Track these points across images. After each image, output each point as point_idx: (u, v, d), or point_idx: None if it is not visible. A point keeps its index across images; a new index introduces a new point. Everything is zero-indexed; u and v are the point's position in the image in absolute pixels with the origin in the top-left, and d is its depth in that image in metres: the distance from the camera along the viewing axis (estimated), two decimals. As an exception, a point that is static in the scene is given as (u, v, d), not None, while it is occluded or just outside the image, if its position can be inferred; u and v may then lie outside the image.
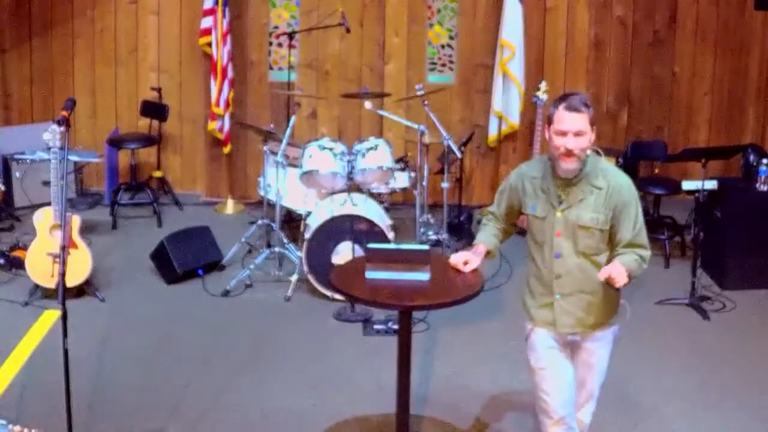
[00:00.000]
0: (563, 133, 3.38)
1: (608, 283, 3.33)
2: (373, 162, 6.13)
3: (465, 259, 3.73)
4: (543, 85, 7.02)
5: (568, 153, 3.39)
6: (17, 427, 3.81)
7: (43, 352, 4.97)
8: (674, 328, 5.52)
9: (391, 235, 5.87)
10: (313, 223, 5.85)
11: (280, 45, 7.76)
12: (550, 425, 3.62)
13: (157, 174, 7.80)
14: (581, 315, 3.51)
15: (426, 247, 3.86)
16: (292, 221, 6.99)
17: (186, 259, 6.09)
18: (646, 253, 3.44)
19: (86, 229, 6.45)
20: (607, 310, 3.54)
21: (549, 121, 3.44)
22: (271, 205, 6.34)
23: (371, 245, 3.90)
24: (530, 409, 4.55)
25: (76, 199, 7.60)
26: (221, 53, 7.28)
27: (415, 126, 6.36)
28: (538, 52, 7.67)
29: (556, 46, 7.73)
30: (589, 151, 3.50)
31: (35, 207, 6.05)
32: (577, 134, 3.38)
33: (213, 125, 7.47)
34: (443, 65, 7.82)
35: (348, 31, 7.12)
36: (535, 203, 3.54)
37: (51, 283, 5.48)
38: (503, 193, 3.81)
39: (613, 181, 3.49)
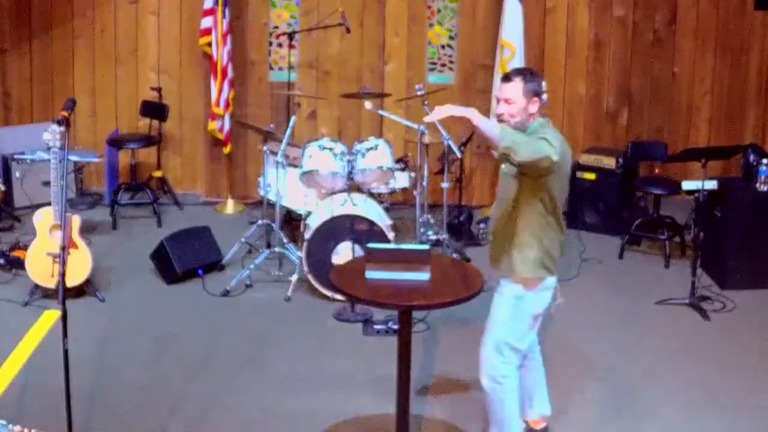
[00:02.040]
0: (498, 100, 3.82)
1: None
2: (373, 162, 6.14)
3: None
4: (543, 85, 7.00)
5: (499, 117, 3.78)
6: (17, 427, 3.81)
7: (43, 352, 4.97)
8: (674, 328, 5.52)
9: (391, 235, 5.87)
10: (313, 223, 5.85)
11: (280, 45, 7.76)
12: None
13: (157, 174, 7.81)
14: (500, 256, 3.87)
15: (426, 247, 3.86)
16: (292, 221, 6.99)
17: (186, 259, 6.09)
18: (522, 137, 3.59)
19: (86, 229, 6.45)
20: (516, 261, 3.81)
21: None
22: (271, 205, 6.34)
23: (371, 245, 3.90)
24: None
25: (76, 199, 7.60)
26: (221, 53, 7.29)
27: (415, 126, 6.36)
28: (538, 52, 7.67)
29: (556, 46, 7.73)
30: (539, 119, 3.81)
31: (35, 207, 6.05)
32: (507, 101, 3.76)
33: (213, 125, 7.47)
34: (443, 65, 7.82)
35: (348, 31, 7.12)
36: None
37: (51, 283, 5.48)
38: None
39: (540, 135, 3.70)
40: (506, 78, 3.78)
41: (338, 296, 5.60)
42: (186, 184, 8.01)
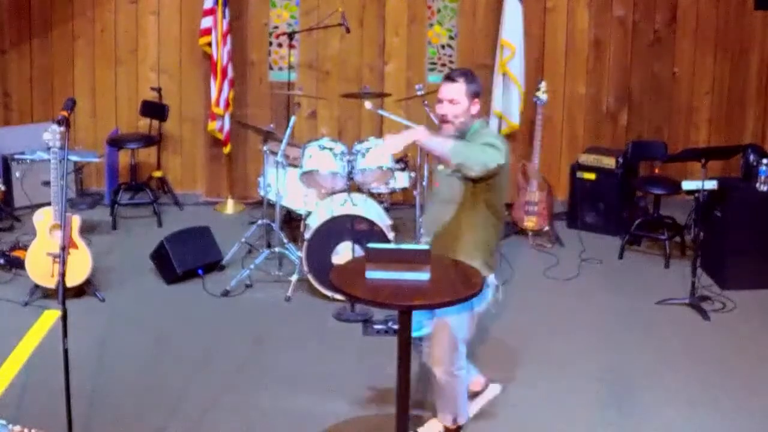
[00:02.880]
0: (440, 101, 3.85)
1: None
2: (373, 162, 6.14)
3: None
4: (543, 85, 7.03)
5: (443, 118, 3.84)
6: (17, 427, 3.82)
7: (43, 352, 4.97)
8: (674, 328, 5.52)
9: (391, 235, 5.87)
10: (313, 223, 5.84)
11: (280, 45, 7.76)
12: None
13: (157, 174, 7.81)
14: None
15: (426, 247, 3.86)
16: (292, 221, 6.99)
17: (186, 259, 6.09)
18: (469, 150, 3.71)
19: (86, 229, 6.45)
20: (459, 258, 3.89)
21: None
22: (271, 205, 6.34)
23: (371, 245, 3.90)
24: (530, 408, 4.57)
25: (76, 199, 7.60)
26: (221, 53, 7.28)
27: (415, 126, 6.34)
28: (538, 52, 7.67)
29: (556, 46, 7.73)
30: (479, 120, 3.93)
31: (35, 207, 6.05)
32: (451, 102, 3.82)
33: (213, 125, 7.47)
34: (443, 65, 7.82)
35: (348, 31, 7.12)
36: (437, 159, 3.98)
37: (51, 283, 5.48)
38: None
39: (482, 137, 3.83)
40: (450, 79, 3.84)
41: (338, 296, 5.60)
42: (186, 184, 8.01)
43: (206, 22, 7.34)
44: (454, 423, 4.19)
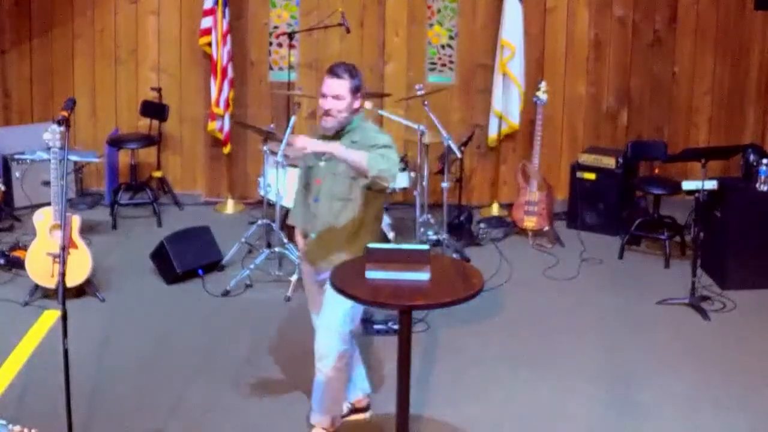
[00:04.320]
0: (324, 95, 3.87)
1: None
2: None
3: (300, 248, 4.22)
4: (543, 85, 7.02)
5: (327, 113, 3.89)
6: (17, 427, 3.81)
7: (43, 352, 4.97)
8: (674, 328, 5.52)
9: (391, 235, 5.87)
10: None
11: (280, 45, 7.76)
12: None
13: (157, 174, 7.81)
14: (327, 255, 4.00)
15: (426, 247, 3.86)
16: (292, 221, 6.98)
17: (186, 259, 6.09)
18: (384, 160, 3.77)
19: (86, 229, 6.44)
20: (350, 256, 3.95)
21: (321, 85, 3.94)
22: (271, 205, 6.34)
23: (371, 245, 3.90)
24: (530, 408, 4.57)
25: (76, 199, 7.60)
26: (221, 53, 7.28)
27: (415, 126, 6.36)
28: (538, 52, 7.67)
29: (556, 46, 7.73)
30: (359, 115, 3.97)
31: (35, 207, 6.05)
32: (335, 97, 3.86)
33: (213, 125, 7.47)
34: (443, 65, 7.82)
35: (348, 31, 7.11)
36: (309, 156, 4.00)
37: (51, 283, 5.48)
38: (301, 162, 4.23)
39: (368, 135, 3.92)
40: (334, 74, 3.87)
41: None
42: (186, 184, 8.01)
43: (206, 22, 7.34)
44: (333, 425, 4.18)
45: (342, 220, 3.99)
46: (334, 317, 3.98)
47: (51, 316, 5.39)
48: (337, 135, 3.92)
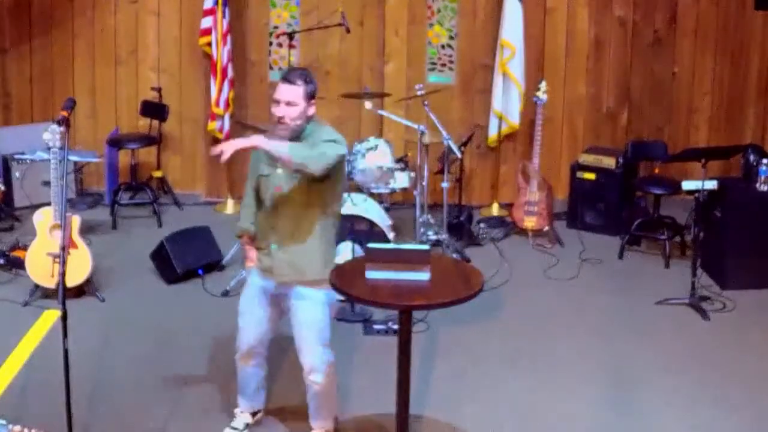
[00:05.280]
0: (277, 102, 3.77)
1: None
2: (373, 162, 6.14)
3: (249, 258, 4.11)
4: (543, 85, 7.02)
5: (280, 120, 3.78)
6: (17, 427, 3.82)
7: (43, 352, 4.97)
8: (674, 328, 5.52)
9: (391, 235, 5.87)
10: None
11: (280, 45, 7.76)
12: None
13: (157, 174, 7.81)
14: (296, 265, 3.90)
15: (426, 247, 3.86)
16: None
17: (186, 259, 6.09)
18: (309, 151, 3.70)
19: (86, 229, 6.44)
20: (314, 266, 3.91)
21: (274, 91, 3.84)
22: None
23: (371, 245, 3.90)
24: (530, 408, 4.57)
25: (76, 199, 7.60)
26: (221, 53, 7.28)
27: (415, 126, 6.36)
28: (538, 52, 7.67)
29: (556, 46, 7.73)
30: (313, 121, 3.88)
31: (35, 207, 6.05)
32: (288, 104, 3.76)
33: (213, 125, 7.47)
34: (443, 65, 7.82)
35: (348, 31, 7.11)
36: (264, 165, 3.92)
37: (51, 283, 5.48)
38: (250, 168, 4.09)
39: (320, 136, 3.82)
40: (288, 81, 3.77)
41: (338, 296, 5.59)
42: (186, 184, 8.01)
43: (206, 22, 7.33)
44: (336, 423, 4.23)
45: (305, 228, 3.89)
46: (315, 332, 3.97)
47: (51, 316, 5.39)
48: (291, 141, 3.78)
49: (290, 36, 7.28)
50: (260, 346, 4.14)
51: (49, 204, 5.60)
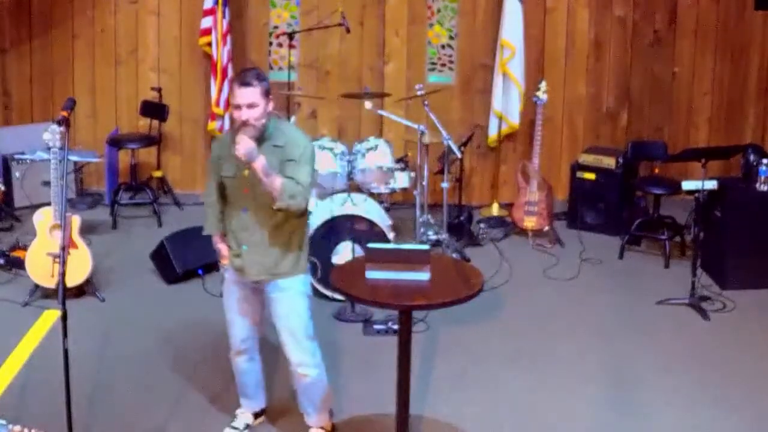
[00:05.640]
0: (238, 107, 3.75)
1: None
2: (373, 162, 6.13)
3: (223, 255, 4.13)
4: (543, 85, 7.02)
5: (245, 123, 3.75)
6: (17, 427, 3.81)
7: (43, 352, 4.97)
8: (674, 328, 5.52)
9: (391, 235, 5.87)
10: (313, 223, 5.84)
11: (280, 45, 7.76)
12: None
13: (157, 174, 7.81)
14: (269, 264, 3.93)
15: (426, 247, 3.86)
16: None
17: (186, 259, 6.09)
18: (299, 188, 3.77)
19: (86, 229, 6.44)
20: (293, 262, 3.99)
21: (231, 96, 3.87)
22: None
23: (371, 245, 3.90)
24: (530, 408, 4.57)
25: (76, 199, 7.60)
26: (221, 53, 7.29)
27: (415, 126, 6.36)
28: (538, 52, 7.67)
29: (556, 46, 7.73)
30: (273, 117, 3.89)
31: (35, 207, 6.05)
32: (250, 106, 3.74)
33: (213, 125, 7.48)
34: (443, 65, 7.82)
35: (348, 31, 7.11)
36: (228, 166, 3.91)
37: (51, 283, 5.48)
38: (210, 169, 4.12)
39: (290, 137, 3.87)
40: (244, 83, 3.74)
41: (338, 296, 5.60)
42: (186, 184, 8.01)
43: (206, 22, 7.34)
44: (330, 418, 4.27)
45: (275, 227, 3.90)
46: (298, 324, 3.98)
47: (51, 316, 5.39)
48: (259, 143, 3.76)
49: (290, 36, 7.28)
50: (250, 339, 4.16)
51: (49, 204, 5.60)
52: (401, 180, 6.48)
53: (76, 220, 5.58)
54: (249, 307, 4.09)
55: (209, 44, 7.34)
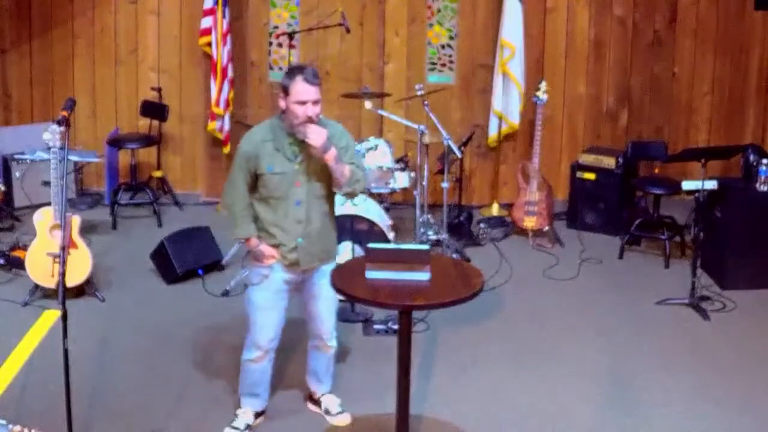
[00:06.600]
0: (303, 103, 3.88)
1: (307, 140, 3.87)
2: (373, 162, 6.13)
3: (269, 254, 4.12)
4: (543, 85, 7.02)
5: (310, 119, 3.89)
6: (17, 427, 3.81)
7: (43, 352, 4.97)
8: (674, 328, 5.52)
9: (391, 235, 5.87)
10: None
11: (280, 45, 7.76)
12: None
13: (157, 174, 7.81)
14: (319, 252, 4.12)
15: (426, 247, 3.86)
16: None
17: (186, 259, 6.09)
18: (361, 173, 4.09)
19: (86, 229, 6.45)
20: (335, 248, 4.28)
21: (285, 91, 3.92)
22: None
23: (371, 245, 3.90)
24: (530, 408, 4.57)
25: (76, 199, 7.60)
26: (221, 53, 7.29)
27: (415, 126, 6.36)
28: (538, 52, 7.67)
29: (556, 46, 7.73)
30: None
31: (35, 207, 6.05)
32: (315, 103, 3.90)
33: (213, 125, 7.48)
34: (443, 65, 7.82)
35: (348, 31, 7.11)
36: (277, 162, 3.98)
37: (51, 283, 5.48)
38: (240, 169, 4.06)
39: (332, 128, 4.04)
40: (309, 81, 3.88)
41: (338, 296, 5.59)
42: (186, 184, 8.01)
43: (206, 22, 7.34)
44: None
45: (325, 214, 4.12)
46: (335, 303, 4.29)
47: (51, 316, 5.39)
48: None
49: (290, 36, 7.28)
50: (276, 338, 4.27)
51: (49, 204, 5.60)
52: (401, 180, 6.48)
53: (76, 220, 5.58)
54: (285, 304, 4.22)
55: (209, 44, 7.34)
